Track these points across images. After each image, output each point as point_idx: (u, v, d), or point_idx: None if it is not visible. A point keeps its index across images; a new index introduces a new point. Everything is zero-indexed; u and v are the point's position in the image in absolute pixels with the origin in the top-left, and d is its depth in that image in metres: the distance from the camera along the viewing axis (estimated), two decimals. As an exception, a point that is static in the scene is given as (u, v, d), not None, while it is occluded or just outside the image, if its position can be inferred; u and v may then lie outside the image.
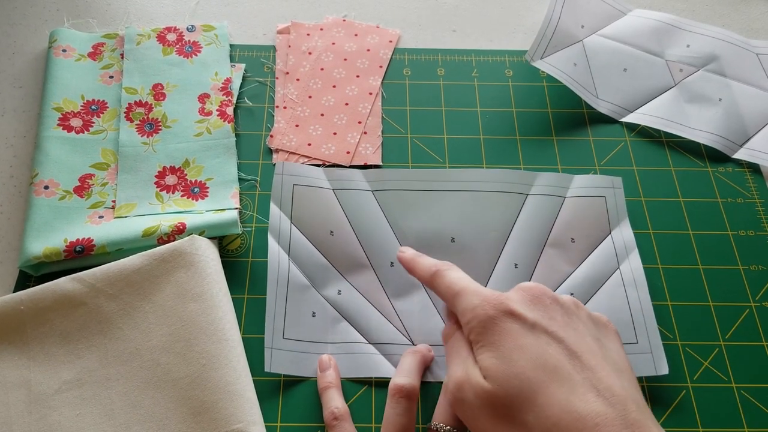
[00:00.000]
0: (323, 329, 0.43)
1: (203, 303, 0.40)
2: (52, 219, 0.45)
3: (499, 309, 0.33)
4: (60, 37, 0.55)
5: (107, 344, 0.40)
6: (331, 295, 0.44)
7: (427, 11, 0.62)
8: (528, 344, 0.32)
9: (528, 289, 0.34)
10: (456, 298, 0.36)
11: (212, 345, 0.39)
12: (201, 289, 0.41)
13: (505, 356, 0.32)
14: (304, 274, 0.44)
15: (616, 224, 0.47)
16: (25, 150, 0.51)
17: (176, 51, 0.55)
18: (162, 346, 0.40)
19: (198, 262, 0.42)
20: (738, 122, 0.54)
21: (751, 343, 0.44)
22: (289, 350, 0.42)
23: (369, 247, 0.46)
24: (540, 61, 0.54)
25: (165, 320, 0.40)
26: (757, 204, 0.50)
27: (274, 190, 0.47)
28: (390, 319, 0.44)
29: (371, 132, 0.53)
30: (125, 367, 0.40)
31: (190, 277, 0.41)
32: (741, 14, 0.62)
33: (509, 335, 0.32)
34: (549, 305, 0.34)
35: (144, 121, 0.51)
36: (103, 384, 0.39)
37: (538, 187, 0.49)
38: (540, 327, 0.32)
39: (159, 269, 0.42)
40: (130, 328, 0.41)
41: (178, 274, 0.42)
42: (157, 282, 0.42)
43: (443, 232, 0.47)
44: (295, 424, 0.40)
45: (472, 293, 0.35)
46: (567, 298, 0.35)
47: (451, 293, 0.37)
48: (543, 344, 0.32)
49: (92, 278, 0.42)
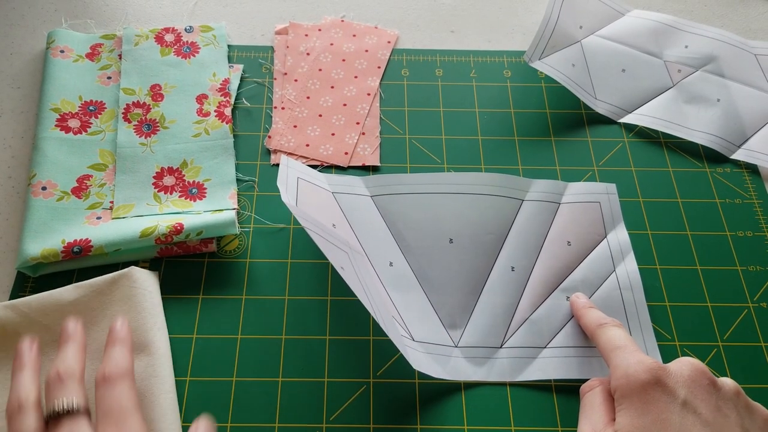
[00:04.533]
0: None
1: (137, 338, 0.40)
2: (50, 220, 0.45)
3: (653, 376, 0.32)
4: (58, 38, 0.54)
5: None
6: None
7: (426, 12, 0.62)
8: (672, 421, 0.31)
9: (689, 364, 0.34)
10: (614, 352, 0.36)
11: (141, 381, 0.38)
12: (136, 324, 0.40)
13: (645, 427, 0.31)
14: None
15: (612, 228, 0.48)
16: (22, 151, 0.51)
17: (174, 52, 0.55)
18: (92, 381, 0.38)
19: (135, 295, 0.41)
20: (736, 123, 0.54)
21: (749, 344, 0.44)
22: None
23: (368, 248, 0.46)
24: (538, 62, 0.54)
25: (97, 354, 0.40)
26: (755, 205, 0.50)
27: (280, 177, 0.45)
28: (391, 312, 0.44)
29: (369, 133, 0.53)
30: None
31: (127, 311, 0.41)
32: (739, 15, 0.62)
33: (655, 406, 0.31)
34: (705, 386, 0.33)
35: (142, 122, 0.51)
36: None
37: (533, 193, 0.49)
38: (690, 407, 0.31)
39: (95, 302, 0.41)
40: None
41: (114, 308, 0.41)
42: (92, 315, 0.41)
43: (441, 234, 0.47)
44: (293, 425, 0.40)
45: (631, 353, 0.35)
46: (728, 383, 0.34)
47: (610, 347, 0.36)
48: (688, 425, 0.31)
49: (27, 307, 0.40)
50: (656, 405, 0.31)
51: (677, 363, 0.34)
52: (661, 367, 0.33)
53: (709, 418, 0.31)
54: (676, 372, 0.33)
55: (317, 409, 0.41)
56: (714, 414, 0.32)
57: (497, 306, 0.44)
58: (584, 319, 0.41)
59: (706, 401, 0.32)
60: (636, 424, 0.31)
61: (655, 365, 0.33)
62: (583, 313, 0.42)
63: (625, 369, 0.33)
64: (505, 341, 0.43)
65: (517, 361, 0.42)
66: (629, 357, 0.34)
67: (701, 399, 0.32)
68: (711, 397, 0.32)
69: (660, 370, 0.33)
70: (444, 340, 0.43)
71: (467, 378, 0.42)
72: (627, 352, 0.35)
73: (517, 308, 0.44)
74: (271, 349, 0.43)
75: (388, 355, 0.43)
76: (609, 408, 0.34)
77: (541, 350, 0.43)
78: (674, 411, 0.31)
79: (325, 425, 0.40)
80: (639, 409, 0.32)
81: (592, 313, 0.41)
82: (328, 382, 0.42)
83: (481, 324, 0.44)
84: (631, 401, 0.32)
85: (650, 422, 0.31)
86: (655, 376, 0.32)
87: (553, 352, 0.42)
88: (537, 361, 0.42)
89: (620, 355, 0.35)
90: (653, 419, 0.31)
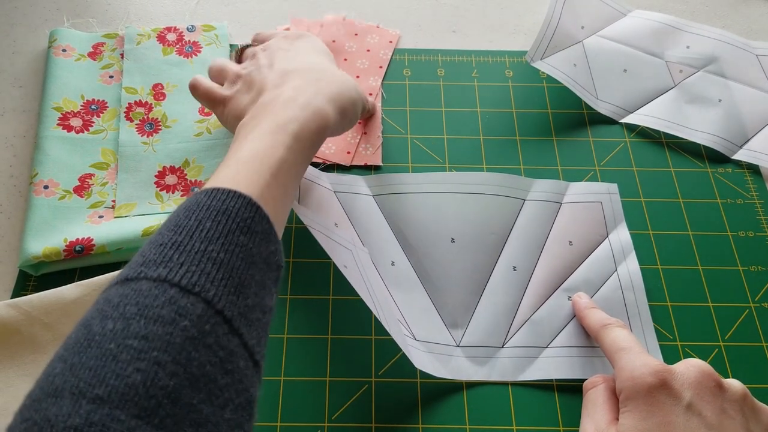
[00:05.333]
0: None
1: None
2: (52, 219, 0.45)
3: (659, 378, 0.32)
4: (60, 37, 0.55)
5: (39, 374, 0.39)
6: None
7: (427, 12, 0.62)
8: (676, 423, 0.31)
9: (695, 366, 0.33)
10: (619, 353, 0.36)
11: None
12: None
13: (649, 430, 0.31)
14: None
15: (613, 228, 0.48)
16: (24, 150, 0.51)
17: (176, 51, 0.55)
18: None
19: None
20: (738, 123, 0.54)
21: (750, 344, 0.44)
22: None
23: (370, 248, 0.46)
24: (540, 62, 0.54)
25: None
26: (757, 205, 0.50)
27: None
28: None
29: (371, 132, 0.53)
30: None
31: None
32: (741, 15, 0.62)
33: (660, 409, 0.31)
34: (711, 388, 0.33)
35: (144, 121, 0.51)
36: None
37: (535, 193, 0.49)
38: (694, 409, 0.31)
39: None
40: None
41: None
42: None
43: (443, 233, 0.47)
44: (295, 424, 0.40)
45: (637, 354, 0.35)
46: (734, 384, 0.34)
47: (615, 348, 0.36)
48: (692, 427, 0.31)
49: (28, 306, 0.40)
50: (661, 408, 0.32)
51: (683, 365, 0.34)
52: (666, 370, 0.33)
53: (713, 421, 0.31)
54: (682, 374, 0.33)
55: (319, 408, 0.41)
56: (719, 416, 0.32)
57: (499, 306, 0.44)
58: (587, 319, 0.41)
59: (711, 403, 0.32)
60: (640, 427, 0.31)
61: (660, 368, 0.33)
62: (586, 313, 0.42)
63: (630, 371, 0.33)
64: (506, 341, 0.43)
65: (518, 360, 0.42)
66: (635, 359, 0.34)
67: (706, 401, 0.32)
68: (716, 399, 0.32)
69: (666, 373, 0.33)
70: (446, 339, 0.43)
71: (469, 377, 0.42)
72: (632, 353, 0.35)
73: (518, 308, 0.44)
74: (272, 348, 0.43)
75: (390, 355, 0.43)
76: (612, 407, 0.34)
77: (543, 350, 0.43)
78: (679, 414, 0.31)
79: (327, 424, 0.40)
80: (644, 411, 0.32)
81: (595, 314, 0.41)
82: (329, 381, 0.42)
83: (483, 323, 0.44)
84: (636, 404, 0.32)
85: (655, 425, 0.31)
86: (661, 378, 0.32)
87: (555, 351, 0.42)
88: (538, 360, 0.42)
89: (625, 357, 0.35)
90: (658, 422, 0.31)
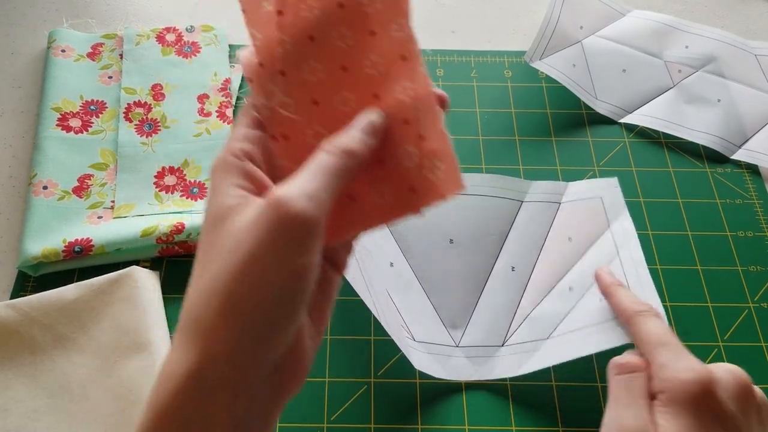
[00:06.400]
0: None
1: (138, 338, 0.40)
2: (51, 219, 0.45)
3: (704, 387, 0.32)
4: (59, 38, 0.54)
5: (37, 375, 0.39)
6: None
7: (426, 12, 0.62)
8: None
9: (736, 375, 0.33)
10: (658, 348, 0.35)
11: (141, 381, 0.38)
12: (137, 324, 0.40)
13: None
14: None
15: (615, 218, 0.47)
16: (23, 150, 0.51)
17: (175, 51, 0.55)
18: (93, 381, 0.39)
19: (136, 295, 0.41)
20: (737, 123, 0.54)
21: (749, 344, 0.44)
22: None
23: (368, 249, 0.46)
24: (539, 62, 0.54)
25: (98, 354, 0.40)
26: (756, 205, 0.51)
27: None
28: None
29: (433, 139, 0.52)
30: (54, 400, 0.38)
31: (128, 310, 0.41)
32: (739, 15, 0.63)
33: (702, 418, 0.31)
34: (749, 400, 0.33)
35: (143, 122, 0.51)
36: (30, 416, 0.38)
37: (532, 194, 0.49)
38: (733, 424, 0.31)
39: (96, 301, 0.41)
40: (62, 360, 0.40)
41: (115, 307, 0.41)
42: (94, 314, 0.41)
43: (442, 234, 0.47)
44: (295, 425, 0.40)
45: (680, 353, 0.34)
46: (758, 391, 0.34)
47: (655, 341, 0.35)
48: None
49: (27, 306, 0.40)
50: (703, 418, 0.31)
51: (722, 371, 0.33)
52: (711, 379, 0.32)
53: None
54: (725, 383, 0.33)
55: (318, 409, 0.41)
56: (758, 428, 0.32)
57: (498, 305, 0.44)
58: (616, 298, 0.39)
59: (751, 418, 0.32)
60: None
61: (706, 375, 0.32)
62: (614, 290, 0.40)
63: (674, 372, 0.33)
64: (506, 340, 0.43)
65: (519, 356, 0.42)
66: (679, 360, 0.33)
67: (748, 415, 0.32)
68: (753, 412, 0.33)
69: (711, 383, 0.32)
70: (445, 340, 0.43)
71: (469, 377, 0.42)
72: (674, 352, 0.34)
73: (518, 307, 0.44)
74: (272, 348, 0.43)
75: (389, 355, 0.43)
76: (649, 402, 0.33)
77: (544, 342, 0.42)
78: (719, 427, 0.31)
79: (326, 425, 0.40)
80: (684, 417, 0.31)
81: (626, 296, 0.39)
82: (329, 381, 0.42)
83: (482, 324, 0.44)
84: (680, 409, 0.32)
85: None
86: (707, 388, 0.32)
87: (556, 341, 0.42)
88: (540, 352, 0.42)
89: (666, 355, 0.34)
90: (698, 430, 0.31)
